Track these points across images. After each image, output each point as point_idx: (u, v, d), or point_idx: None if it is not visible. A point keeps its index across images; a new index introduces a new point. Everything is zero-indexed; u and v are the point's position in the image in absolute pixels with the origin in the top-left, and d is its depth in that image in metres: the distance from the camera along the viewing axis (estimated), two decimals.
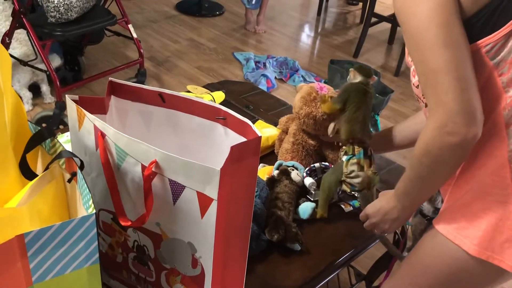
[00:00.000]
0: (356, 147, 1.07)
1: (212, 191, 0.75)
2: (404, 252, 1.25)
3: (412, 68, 0.88)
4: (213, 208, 0.76)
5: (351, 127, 1.09)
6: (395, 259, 1.20)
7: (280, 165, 1.25)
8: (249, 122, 0.80)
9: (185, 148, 0.93)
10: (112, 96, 0.96)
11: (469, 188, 0.88)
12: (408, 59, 0.89)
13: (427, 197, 0.97)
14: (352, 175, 1.06)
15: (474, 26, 0.78)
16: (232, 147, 0.70)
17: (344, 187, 1.09)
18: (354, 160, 1.06)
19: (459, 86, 0.75)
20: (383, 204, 1.01)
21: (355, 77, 1.12)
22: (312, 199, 1.21)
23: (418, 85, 0.89)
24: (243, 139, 0.83)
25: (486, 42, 0.78)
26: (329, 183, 1.12)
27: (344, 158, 1.08)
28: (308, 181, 1.20)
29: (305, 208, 1.19)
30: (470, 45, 0.78)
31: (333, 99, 1.14)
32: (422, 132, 0.82)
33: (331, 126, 1.21)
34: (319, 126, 1.26)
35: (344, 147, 1.10)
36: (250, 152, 0.73)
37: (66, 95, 0.90)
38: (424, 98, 0.89)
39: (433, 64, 0.76)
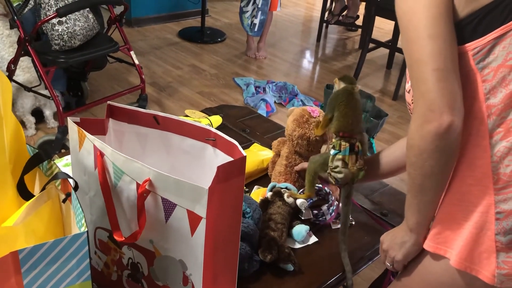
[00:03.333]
0: (343, 143, 1.10)
1: (201, 210, 0.77)
2: None
3: (408, 74, 0.90)
4: (202, 226, 0.78)
5: (340, 122, 1.12)
6: (387, 282, 1.20)
7: (273, 187, 1.28)
8: (236, 142, 0.83)
9: (178, 168, 0.96)
10: (110, 119, 1.00)
11: (453, 201, 0.89)
12: None
13: (429, 211, 0.91)
14: (336, 170, 1.10)
15: (465, 28, 0.81)
16: (218, 167, 0.73)
17: (330, 179, 1.13)
18: (340, 157, 1.09)
19: (436, 76, 0.78)
20: (394, 229, 1.02)
21: (340, 86, 1.16)
22: (302, 218, 1.23)
23: (409, 90, 0.91)
24: (231, 159, 0.86)
25: (474, 45, 0.81)
26: (314, 167, 1.15)
27: (332, 152, 1.11)
28: (300, 201, 1.22)
29: (299, 231, 1.21)
30: (459, 46, 0.81)
31: (326, 108, 1.18)
32: (408, 129, 0.85)
33: (324, 148, 1.24)
34: (312, 147, 1.29)
35: (334, 140, 1.13)
36: (236, 171, 0.76)
37: (68, 118, 0.94)
38: (412, 104, 0.90)
39: (417, 54, 0.80)
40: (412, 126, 0.83)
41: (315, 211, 1.24)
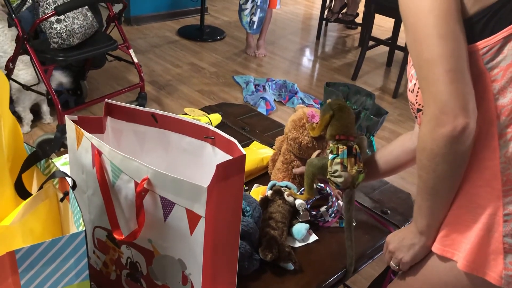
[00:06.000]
0: (340, 146, 1.09)
1: (200, 208, 0.77)
2: None
3: (410, 73, 0.89)
4: (201, 225, 0.78)
5: (335, 125, 1.12)
6: (387, 281, 1.20)
7: (273, 185, 1.27)
8: (235, 140, 0.83)
9: (176, 166, 0.95)
10: (108, 117, 0.99)
11: (461, 203, 0.88)
12: (409, 64, 0.89)
13: (440, 214, 0.89)
14: (336, 174, 1.09)
15: (474, 27, 0.79)
16: (217, 165, 0.72)
17: (330, 184, 1.13)
18: (338, 160, 1.08)
19: (448, 77, 0.76)
20: (402, 230, 1.00)
21: None
22: (300, 220, 1.22)
23: (412, 90, 0.90)
24: (230, 157, 0.85)
25: (483, 45, 0.79)
26: (313, 171, 1.16)
27: (330, 156, 1.11)
28: (298, 201, 1.21)
29: (299, 229, 1.20)
30: (468, 46, 0.79)
31: (320, 114, 1.18)
32: (419, 131, 0.83)
33: (315, 154, 1.24)
34: (303, 152, 1.29)
35: (331, 144, 1.12)
36: (235, 170, 0.75)
37: (66, 116, 0.93)
38: (416, 103, 0.90)
39: (427, 54, 0.78)
40: (424, 129, 0.81)
41: (314, 212, 1.24)
